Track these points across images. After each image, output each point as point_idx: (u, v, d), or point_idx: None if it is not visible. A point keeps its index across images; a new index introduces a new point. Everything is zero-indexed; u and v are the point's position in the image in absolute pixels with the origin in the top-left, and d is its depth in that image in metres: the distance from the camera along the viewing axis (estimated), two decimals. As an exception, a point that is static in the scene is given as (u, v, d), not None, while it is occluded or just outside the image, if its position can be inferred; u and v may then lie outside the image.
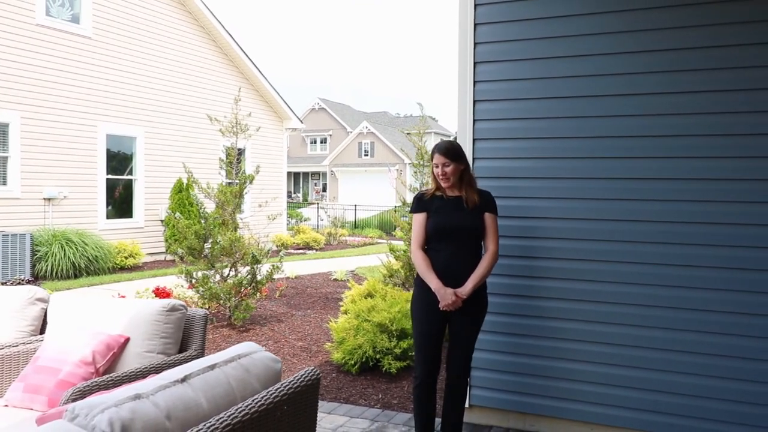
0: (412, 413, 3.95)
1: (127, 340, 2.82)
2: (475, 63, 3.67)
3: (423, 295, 3.07)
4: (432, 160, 3.09)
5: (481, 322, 3.13)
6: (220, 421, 1.62)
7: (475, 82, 3.68)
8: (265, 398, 1.81)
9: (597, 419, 3.47)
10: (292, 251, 14.80)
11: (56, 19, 10.91)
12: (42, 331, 3.25)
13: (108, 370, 2.76)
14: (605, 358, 3.43)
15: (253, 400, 1.77)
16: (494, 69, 3.65)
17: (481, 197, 3.10)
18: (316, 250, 15.40)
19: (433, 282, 3.00)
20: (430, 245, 3.10)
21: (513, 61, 3.61)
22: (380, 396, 4.33)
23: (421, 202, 3.13)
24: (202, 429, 1.56)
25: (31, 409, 2.62)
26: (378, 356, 4.75)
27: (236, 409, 1.69)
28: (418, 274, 3.11)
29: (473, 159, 3.67)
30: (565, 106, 3.50)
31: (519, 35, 3.59)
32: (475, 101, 3.68)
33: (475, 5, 3.66)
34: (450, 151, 3.05)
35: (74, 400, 2.30)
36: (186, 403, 1.64)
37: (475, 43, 3.67)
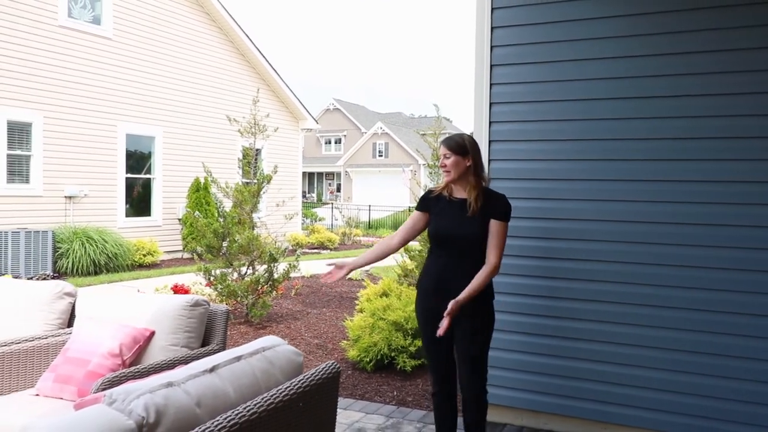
0: (427, 410, 4.02)
1: (153, 333, 2.92)
2: (491, 66, 3.73)
3: (420, 301, 2.97)
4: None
5: (486, 337, 2.91)
6: (247, 409, 1.70)
7: (491, 85, 3.73)
8: (288, 389, 1.89)
9: (611, 418, 3.50)
10: (307, 250, 14.92)
11: (78, 21, 11.12)
12: (69, 324, 3.36)
13: (134, 363, 2.85)
14: (620, 358, 3.47)
15: (277, 391, 1.85)
16: (510, 72, 3.70)
17: (488, 201, 2.83)
18: (331, 249, 15.51)
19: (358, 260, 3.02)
20: (431, 249, 2.99)
21: (528, 64, 3.66)
22: (395, 393, 4.40)
23: (424, 201, 3.00)
24: (230, 416, 1.64)
25: (62, 398, 2.72)
26: (393, 354, 4.82)
27: (262, 399, 1.78)
28: (419, 278, 3.03)
29: (489, 160, 3.72)
30: (578, 108, 3.54)
31: (534, 38, 3.63)
32: (491, 103, 3.74)
33: (492, 9, 3.71)
34: (452, 143, 2.86)
35: (104, 389, 2.39)
36: (215, 392, 1.73)
37: (491, 46, 3.72)
